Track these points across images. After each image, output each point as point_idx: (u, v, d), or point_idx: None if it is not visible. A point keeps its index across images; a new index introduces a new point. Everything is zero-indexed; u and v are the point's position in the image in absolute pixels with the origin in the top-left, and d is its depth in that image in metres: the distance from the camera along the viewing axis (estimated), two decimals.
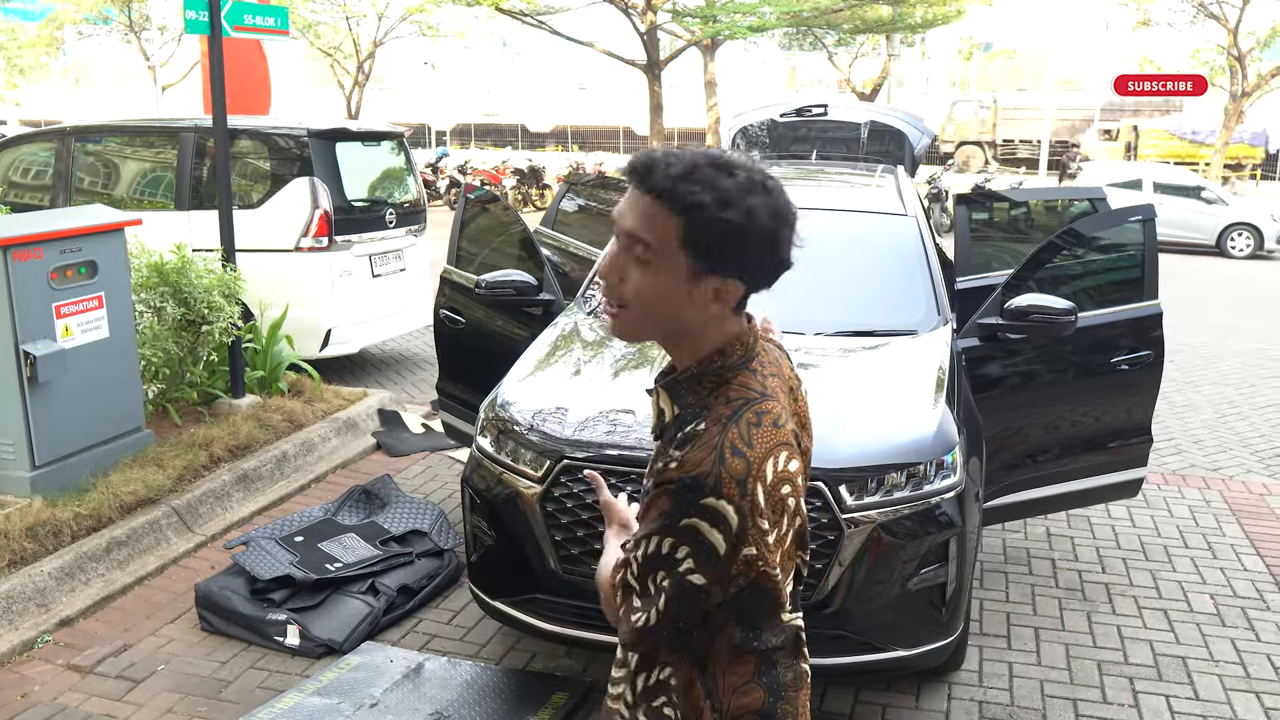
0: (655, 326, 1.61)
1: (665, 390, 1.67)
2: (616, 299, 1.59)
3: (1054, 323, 4.42)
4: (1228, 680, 4.19)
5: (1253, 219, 19.92)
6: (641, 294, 1.57)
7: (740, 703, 1.68)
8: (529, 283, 5.00)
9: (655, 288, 1.55)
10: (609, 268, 1.58)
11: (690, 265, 1.54)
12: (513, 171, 24.68)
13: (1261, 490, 6.39)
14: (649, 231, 1.53)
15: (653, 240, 1.53)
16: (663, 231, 1.52)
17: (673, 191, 1.50)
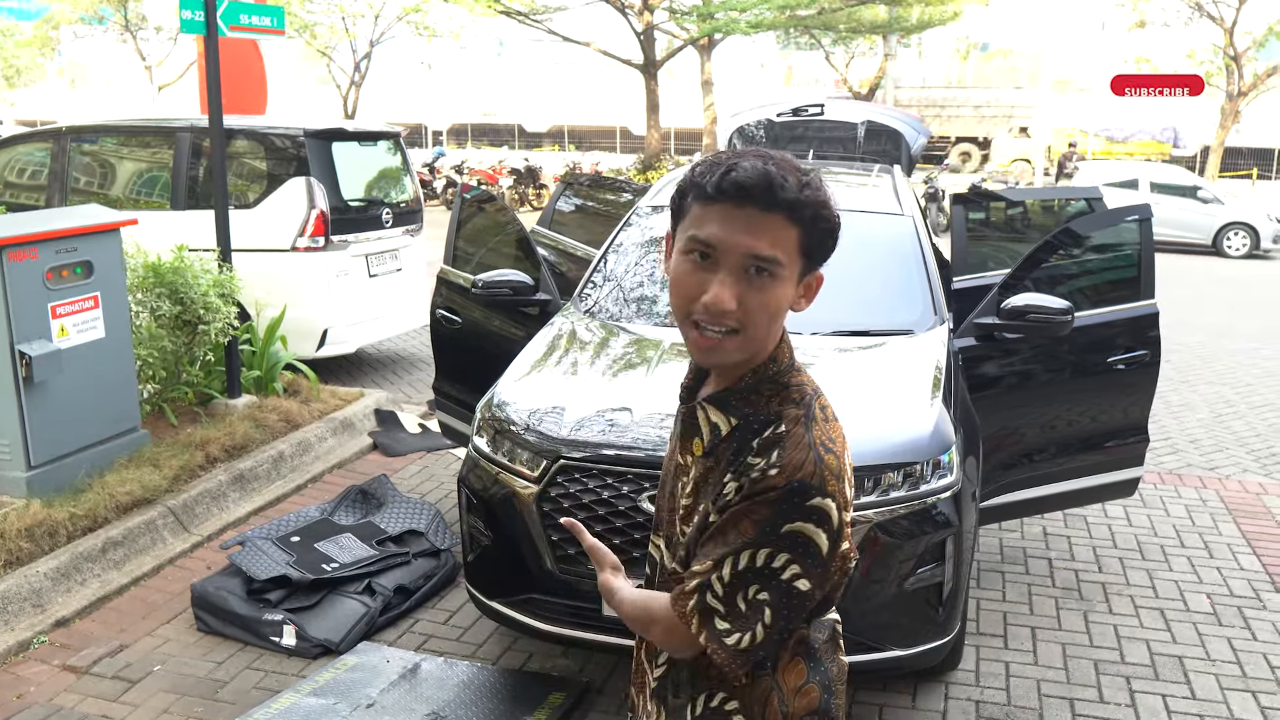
0: (755, 344, 1.57)
1: (714, 405, 1.64)
2: (732, 323, 1.53)
3: (1051, 322, 4.41)
4: (1224, 679, 4.19)
5: (1249, 219, 19.95)
6: (763, 310, 1.53)
7: (802, 704, 1.70)
8: (525, 283, 5.00)
9: (776, 301, 1.55)
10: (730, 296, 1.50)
11: (801, 269, 1.57)
12: (509, 171, 24.67)
13: (1258, 489, 6.40)
14: (777, 246, 1.52)
15: (781, 255, 1.52)
16: (789, 245, 1.53)
17: (798, 205, 1.52)
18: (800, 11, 26.33)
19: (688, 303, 1.55)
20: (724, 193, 1.51)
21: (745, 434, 1.59)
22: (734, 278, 1.51)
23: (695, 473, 1.65)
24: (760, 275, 1.52)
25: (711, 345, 1.54)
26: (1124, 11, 31.86)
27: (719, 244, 1.51)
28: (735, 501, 1.55)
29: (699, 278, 1.53)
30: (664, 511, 1.78)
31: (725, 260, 1.51)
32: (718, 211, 1.52)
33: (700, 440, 1.65)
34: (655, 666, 1.78)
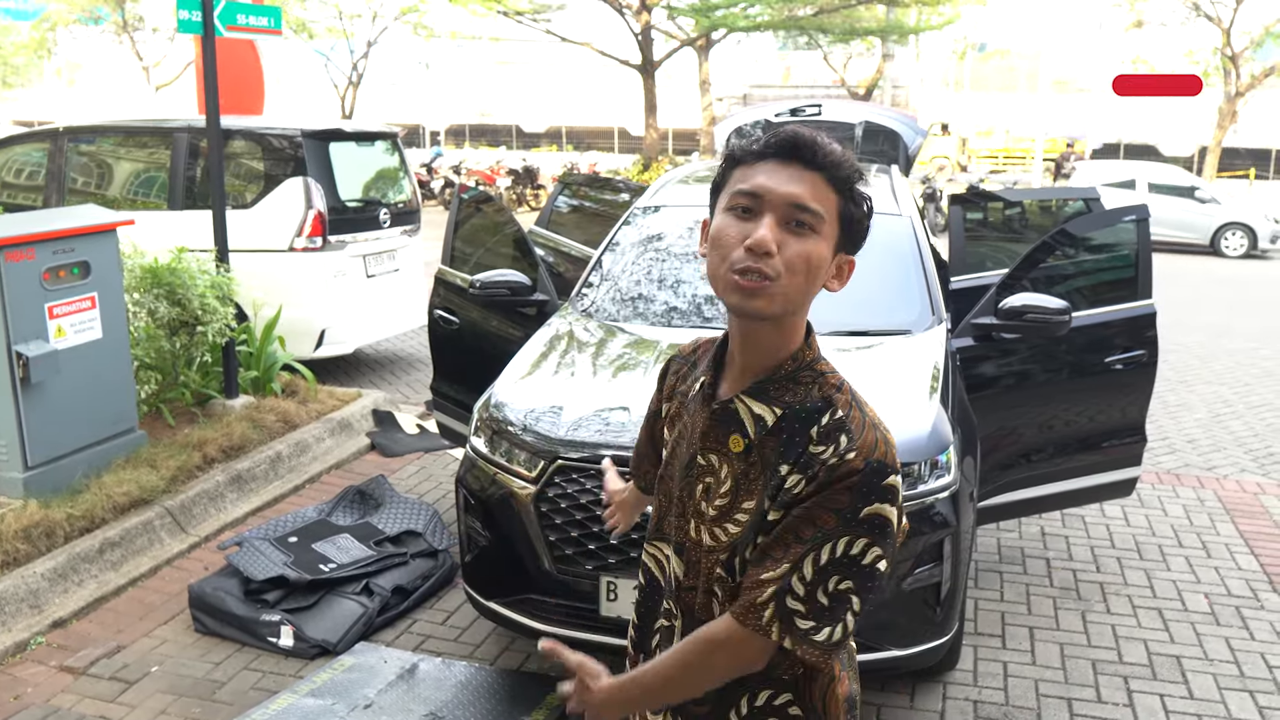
0: (793, 301, 1.57)
1: (753, 398, 1.63)
2: (769, 270, 1.53)
3: (1048, 322, 4.42)
4: (1222, 679, 4.20)
5: (1247, 219, 19.97)
6: (803, 261, 1.55)
7: (839, 692, 1.71)
8: (523, 283, 5.00)
9: (817, 255, 1.56)
10: (766, 238, 1.52)
11: (837, 240, 1.60)
12: (507, 171, 24.67)
13: (1256, 489, 6.40)
14: (819, 201, 1.55)
15: (823, 210, 1.55)
16: (830, 205, 1.57)
17: (838, 170, 1.57)
18: (798, 11, 26.35)
19: (729, 250, 1.56)
20: (770, 147, 1.58)
21: (794, 424, 1.59)
22: (776, 224, 1.54)
23: (732, 470, 1.63)
24: (801, 228, 1.55)
25: (754, 287, 1.54)
26: (1121, 11, 31.88)
27: (765, 192, 1.55)
28: (806, 494, 1.54)
29: (742, 228, 1.56)
30: (671, 517, 1.74)
31: (769, 208, 1.55)
32: (763, 167, 1.57)
33: (740, 436, 1.62)
34: None
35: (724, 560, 1.63)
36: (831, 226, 1.57)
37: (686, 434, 1.72)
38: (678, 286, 4.80)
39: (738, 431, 1.62)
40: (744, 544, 1.61)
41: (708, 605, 1.66)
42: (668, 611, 1.74)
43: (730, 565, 1.62)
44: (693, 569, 1.68)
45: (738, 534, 1.61)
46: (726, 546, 1.62)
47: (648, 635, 1.80)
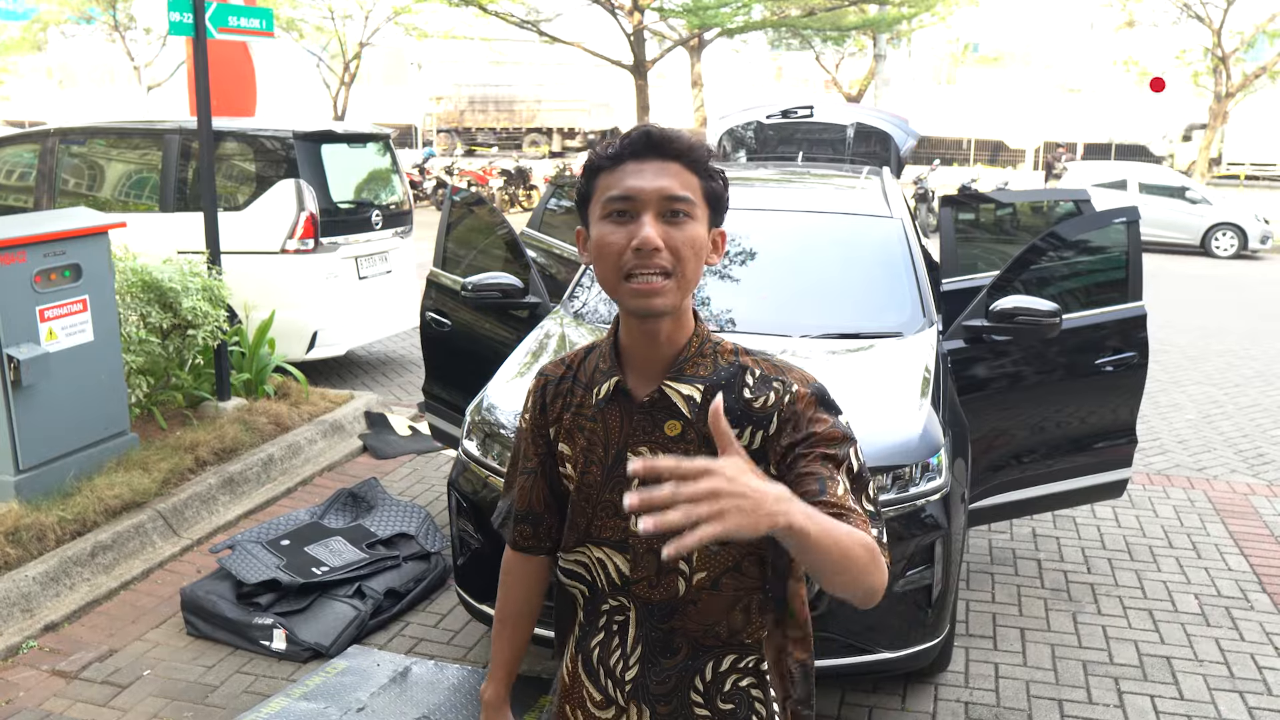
0: (688, 287, 1.64)
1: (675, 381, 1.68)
2: (664, 263, 1.59)
3: (1039, 324, 4.43)
4: (1212, 680, 4.22)
5: (1237, 219, 20.02)
6: (688, 247, 1.61)
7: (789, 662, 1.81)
8: (515, 285, 5.00)
9: (698, 238, 1.63)
10: (650, 235, 1.58)
11: (708, 218, 1.66)
12: (499, 172, 24.64)
13: (1246, 490, 6.43)
14: (686, 188, 1.62)
15: (690, 194, 1.62)
16: (695, 189, 1.63)
17: (693, 154, 1.63)
18: (790, 11, 26.38)
19: (617, 259, 1.61)
20: (625, 149, 1.63)
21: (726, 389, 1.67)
22: (655, 218, 1.60)
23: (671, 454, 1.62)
24: (677, 216, 1.61)
25: (654, 288, 1.59)
26: (1112, 12, 31.96)
27: (636, 193, 1.60)
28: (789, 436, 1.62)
29: (623, 233, 1.60)
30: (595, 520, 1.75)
31: (644, 207, 1.60)
32: (626, 169, 1.62)
33: (676, 420, 1.68)
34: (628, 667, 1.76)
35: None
36: (701, 207, 1.64)
37: (600, 438, 1.74)
38: None
39: (673, 417, 1.68)
40: None
41: (669, 585, 1.70)
42: (615, 608, 1.77)
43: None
44: (640, 560, 1.71)
45: None
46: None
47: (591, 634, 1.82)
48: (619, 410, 1.72)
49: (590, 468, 1.75)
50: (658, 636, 1.73)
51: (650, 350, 1.69)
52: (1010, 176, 29.58)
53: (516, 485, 1.92)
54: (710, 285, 4.74)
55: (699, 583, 1.69)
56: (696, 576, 1.69)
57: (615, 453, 1.72)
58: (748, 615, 1.71)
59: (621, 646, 1.77)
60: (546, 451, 1.85)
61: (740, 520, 1.29)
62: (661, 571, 1.70)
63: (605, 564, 1.76)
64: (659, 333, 1.67)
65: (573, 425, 1.79)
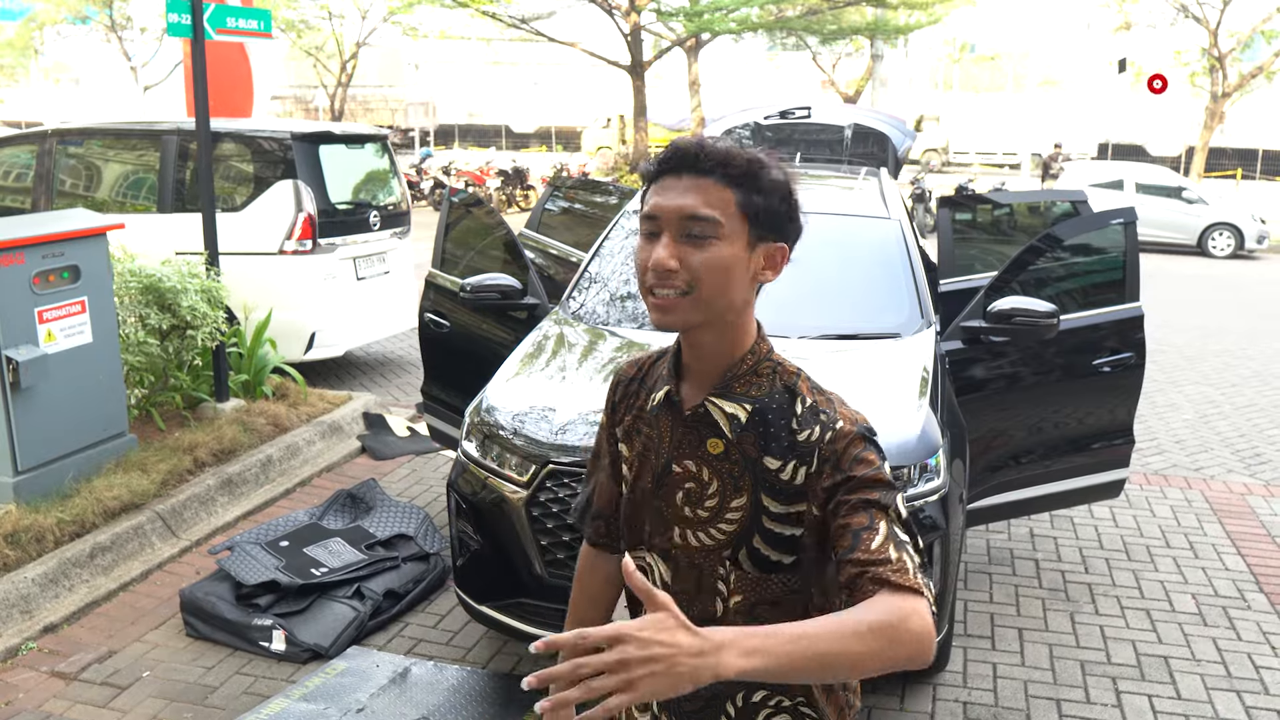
0: (713, 306, 1.58)
1: (721, 398, 1.64)
2: (680, 284, 1.55)
3: (1036, 325, 4.44)
4: (1209, 679, 4.23)
5: (1233, 219, 20.06)
6: (707, 269, 1.55)
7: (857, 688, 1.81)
8: (513, 286, 5.00)
9: (721, 259, 1.56)
10: (662, 257, 1.55)
11: (748, 234, 1.59)
12: (497, 173, 24.64)
13: (1243, 490, 6.44)
14: (712, 206, 1.56)
15: (715, 214, 1.56)
16: (727, 206, 1.56)
17: (729, 167, 1.56)
18: (787, 12, 26.38)
19: (642, 275, 1.60)
20: (661, 165, 1.61)
21: (767, 415, 1.62)
22: (672, 239, 1.56)
23: (715, 472, 1.64)
24: (696, 238, 1.56)
25: (666, 304, 1.57)
26: (1109, 12, 31.98)
27: (659, 211, 1.57)
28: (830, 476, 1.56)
29: (647, 250, 1.59)
30: (646, 525, 1.74)
31: (665, 226, 1.57)
32: (660, 185, 1.60)
33: (718, 438, 1.64)
34: None
35: (729, 555, 1.64)
36: (734, 224, 1.57)
37: (654, 445, 1.72)
38: None
39: (714, 434, 1.64)
40: (746, 536, 1.62)
41: (706, 602, 1.67)
42: None
43: (736, 558, 1.64)
44: (681, 572, 1.69)
45: (734, 530, 1.63)
46: (727, 543, 1.64)
47: None
48: (669, 420, 1.70)
49: (643, 473, 1.74)
50: None
51: (699, 361, 1.66)
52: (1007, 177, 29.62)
53: (595, 483, 1.94)
54: None
55: (735, 606, 1.65)
56: (733, 599, 1.65)
57: (664, 462, 1.70)
58: None
59: None
60: (614, 450, 1.86)
61: (655, 685, 1.21)
62: (700, 589, 1.67)
63: (651, 570, 1.74)
64: (701, 345, 1.64)
65: (632, 428, 1.78)
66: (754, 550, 1.63)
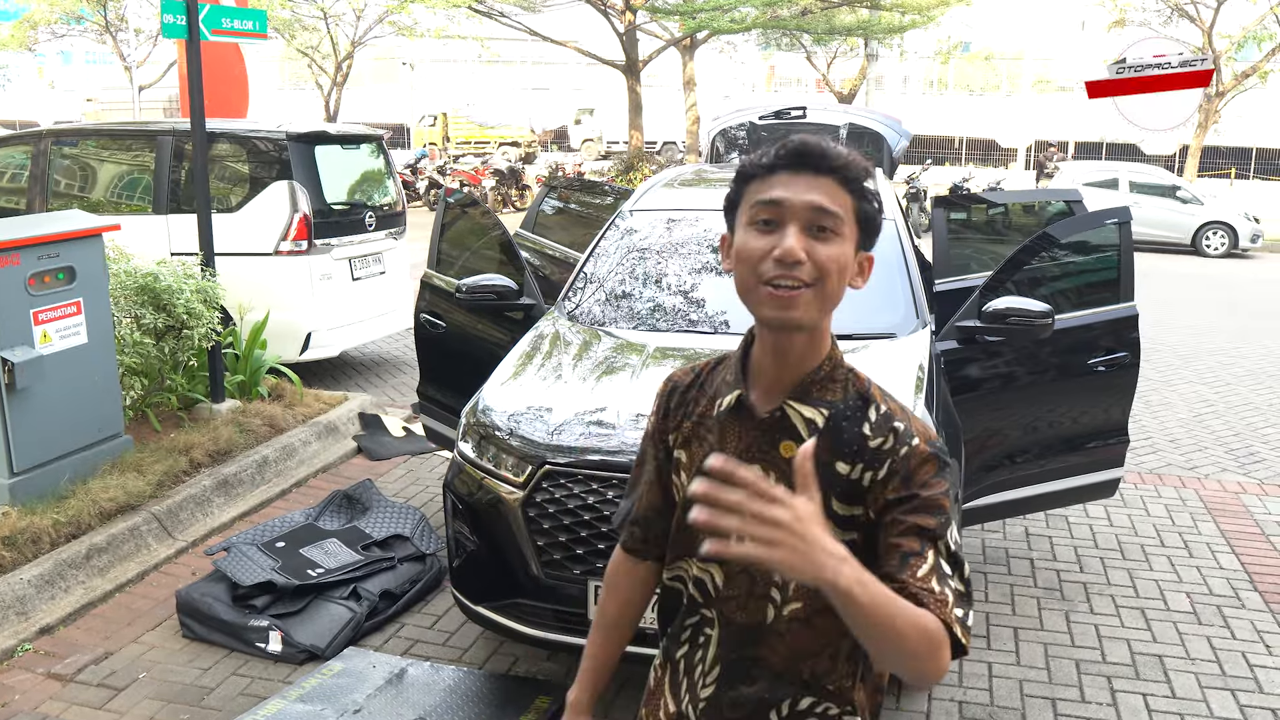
0: (828, 304, 1.59)
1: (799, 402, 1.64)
2: (805, 276, 1.55)
3: (1031, 325, 4.45)
4: (1204, 678, 4.24)
5: (1227, 218, 20.11)
6: (833, 263, 1.57)
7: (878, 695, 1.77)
8: (509, 287, 5.01)
9: (843, 256, 1.58)
10: (794, 247, 1.55)
11: (857, 239, 1.61)
12: (492, 173, 24.62)
13: (1237, 489, 6.46)
14: (837, 204, 1.57)
15: (840, 211, 1.57)
16: (847, 207, 1.59)
17: (849, 171, 1.58)
18: (781, 12, 26.39)
19: (757, 264, 1.58)
20: (781, 159, 1.60)
21: (842, 421, 1.62)
22: (800, 231, 1.56)
23: (783, 477, 1.62)
24: (824, 232, 1.57)
25: (790, 297, 1.56)
26: (1104, 11, 31.99)
27: (784, 201, 1.57)
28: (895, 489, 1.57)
29: (766, 240, 1.58)
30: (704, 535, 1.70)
31: (790, 217, 1.57)
32: (778, 179, 1.59)
33: (794, 442, 1.63)
34: (703, 686, 1.73)
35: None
36: (850, 227, 1.60)
37: (719, 450, 1.69)
38: (664, 290, 4.82)
39: (790, 438, 1.64)
40: None
41: (757, 609, 1.67)
42: (706, 620, 1.74)
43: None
44: (733, 578, 1.68)
45: None
46: None
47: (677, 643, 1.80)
48: (738, 425, 1.68)
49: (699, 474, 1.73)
50: (735, 661, 1.69)
51: (780, 367, 1.65)
52: (1004, 175, 29.66)
53: (639, 490, 1.90)
54: (703, 286, 4.76)
55: (791, 614, 1.65)
56: (789, 606, 1.65)
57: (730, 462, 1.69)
58: (834, 662, 1.66)
59: (702, 663, 1.74)
60: (665, 457, 1.82)
61: (788, 558, 1.29)
62: (752, 594, 1.67)
63: (702, 580, 1.73)
64: (792, 349, 1.63)
65: (691, 434, 1.76)
66: None
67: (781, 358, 1.64)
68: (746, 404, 1.67)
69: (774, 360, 1.65)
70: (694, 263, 4.91)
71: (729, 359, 1.77)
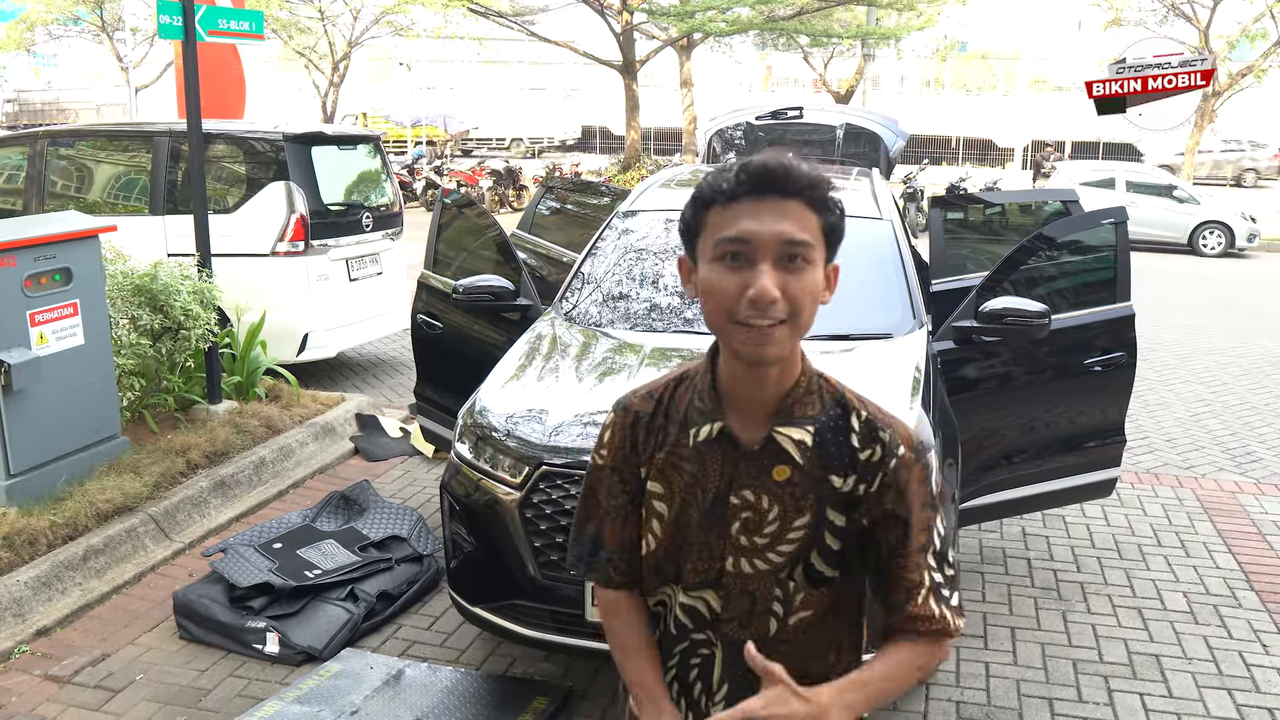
0: (803, 333, 1.58)
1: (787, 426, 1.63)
2: (780, 313, 1.52)
3: (1028, 325, 4.46)
4: (1201, 677, 4.24)
5: (1224, 218, 20.12)
6: (807, 296, 1.54)
7: None
8: (506, 287, 5.01)
9: (816, 284, 1.56)
10: (768, 288, 1.50)
11: (824, 257, 1.59)
12: (489, 173, 24.62)
13: (1233, 488, 6.46)
14: (806, 230, 1.54)
15: (810, 238, 1.54)
16: (814, 230, 1.55)
17: (815, 190, 1.55)
18: (779, 12, 26.41)
19: (729, 304, 1.53)
20: (744, 186, 1.54)
21: (828, 435, 1.65)
22: (772, 267, 1.52)
23: (776, 498, 1.63)
24: (795, 261, 1.53)
25: (765, 338, 1.52)
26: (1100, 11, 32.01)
27: (753, 237, 1.51)
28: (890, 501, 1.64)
29: (736, 279, 1.53)
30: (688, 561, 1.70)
31: (761, 252, 1.52)
32: (742, 208, 1.53)
33: (786, 465, 1.63)
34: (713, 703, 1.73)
35: (782, 578, 1.65)
36: (820, 248, 1.56)
37: (701, 479, 1.67)
38: (660, 291, 4.82)
39: (782, 462, 1.63)
40: (805, 553, 1.64)
41: (760, 625, 1.68)
42: (703, 642, 1.73)
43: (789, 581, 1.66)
44: (733, 600, 1.68)
45: (794, 550, 1.64)
46: (783, 565, 1.65)
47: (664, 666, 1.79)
48: (721, 454, 1.65)
49: (687, 509, 1.69)
50: (744, 674, 1.64)
51: (757, 393, 1.62)
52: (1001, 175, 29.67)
53: (606, 525, 1.81)
54: None
55: (798, 622, 1.67)
56: (795, 616, 1.67)
57: (714, 495, 1.66)
58: (839, 653, 1.73)
59: (704, 681, 1.74)
60: (637, 488, 1.76)
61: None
62: (754, 612, 1.67)
63: (694, 606, 1.72)
64: (767, 377, 1.61)
65: (666, 464, 1.71)
66: (810, 566, 1.65)
67: (758, 385, 1.62)
68: (729, 434, 1.65)
69: (750, 388, 1.63)
70: None
71: (689, 378, 1.73)
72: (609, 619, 1.86)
